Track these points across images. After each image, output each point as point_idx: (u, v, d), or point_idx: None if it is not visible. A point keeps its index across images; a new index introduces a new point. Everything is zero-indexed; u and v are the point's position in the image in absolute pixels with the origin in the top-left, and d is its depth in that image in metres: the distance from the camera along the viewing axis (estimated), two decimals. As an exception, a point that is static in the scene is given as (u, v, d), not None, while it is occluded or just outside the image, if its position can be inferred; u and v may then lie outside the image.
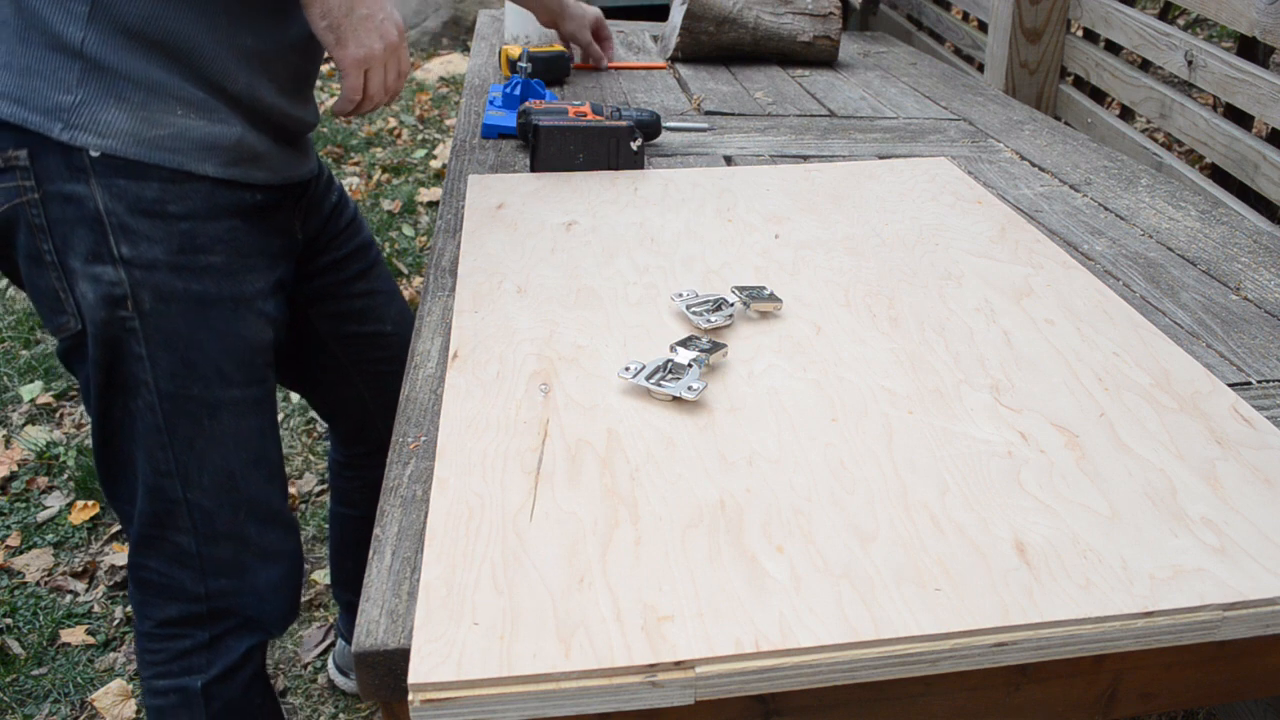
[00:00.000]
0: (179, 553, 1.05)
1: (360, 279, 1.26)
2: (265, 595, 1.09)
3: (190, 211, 0.97)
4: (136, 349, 0.97)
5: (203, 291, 0.99)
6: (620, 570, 0.63)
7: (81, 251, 0.94)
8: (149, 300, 0.96)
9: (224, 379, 1.01)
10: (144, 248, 0.95)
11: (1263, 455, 0.76)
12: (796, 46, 1.97)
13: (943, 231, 1.14)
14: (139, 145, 0.93)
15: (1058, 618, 0.60)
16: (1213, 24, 3.60)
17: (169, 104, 0.94)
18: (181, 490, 1.02)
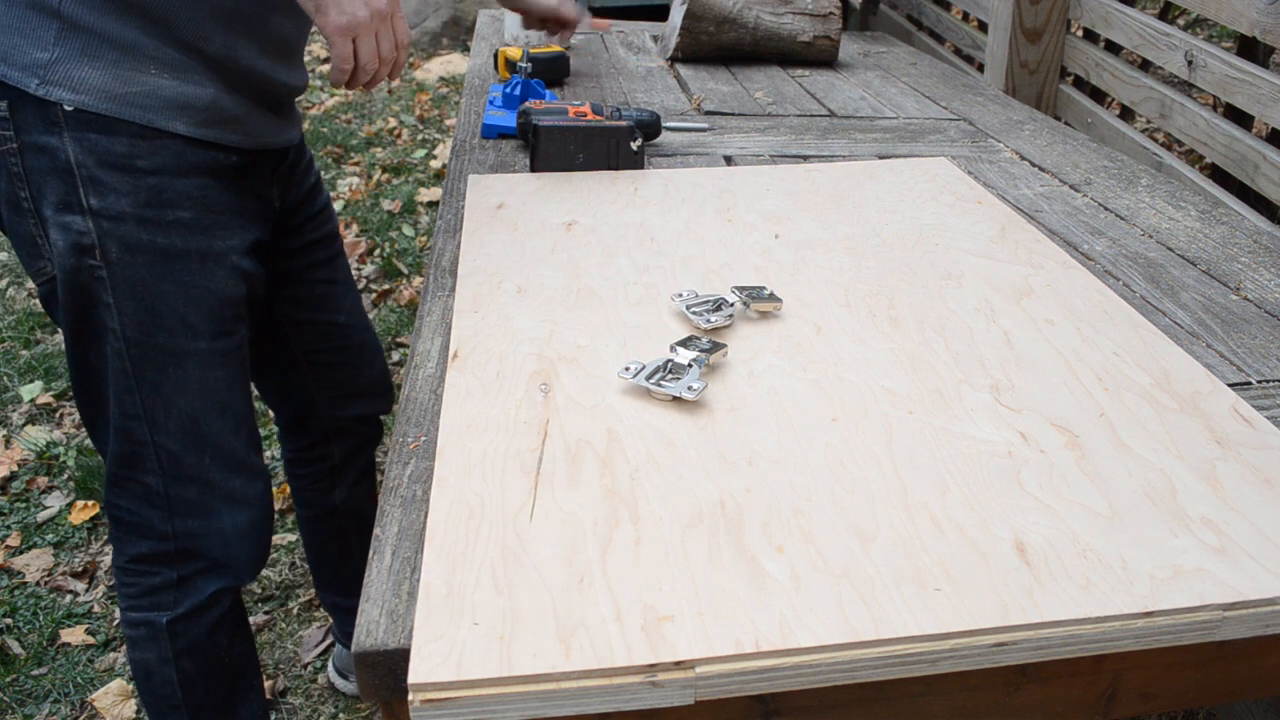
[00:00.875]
0: (147, 492, 1.08)
1: (324, 266, 1.29)
2: (231, 539, 1.12)
3: (159, 167, 0.99)
4: (104, 297, 1.00)
5: (169, 245, 1.01)
6: (620, 570, 0.63)
7: (53, 200, 0.97)
8: (115, 250, 0.99)
9: (189, 329, 1.03)
10: (111, 200, 0.98)
11: (1263, 455, 0.76)
12: (796, 46, 1.97)
13: (943, 231, 1.14)
14: (110, 101, 0.96)
15: (1058, 618, 0.60)
16: (1213, 24, 3.60)
17: (143, 63, 0.97)
18: (149, 433, 1.05)
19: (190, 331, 1.04)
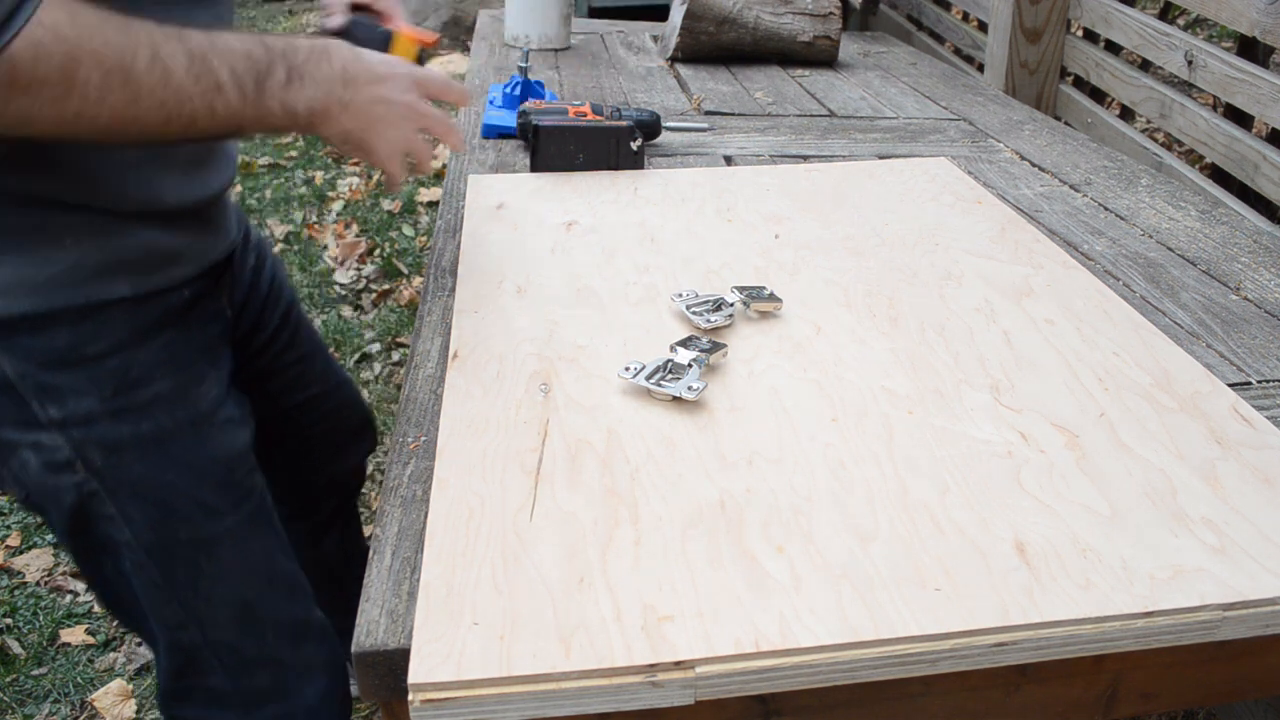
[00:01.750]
0: (215, 695, 0.98)
1: (290, 348, 1.17)
2: (316, 708, 1.03)
3: (113, 345, 0.86)
4: (104, 510, 0.88)
5: (155, 429, 0.88)
6: (620, 570, 0.63)
7: (9, 422, 0.85)
8: (98, 457, 0.86)
9: (209, 511, 0.92)
10: (73, 403, 0.84)
11: (1263, 455, 0.76)
12: (796, 46, 1.97)
13: (943, 231, 1.14)
14: (32, 295, 0.82)
15: (1058, 618, 0.60)
16: (1213, 24, 3.59)
17: (56, 239, 0.82)
18: (201, 635, 0.94)
19: (211, 513, 0.92)
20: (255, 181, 3.84)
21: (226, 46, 0.77)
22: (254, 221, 3.48)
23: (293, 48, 0.82)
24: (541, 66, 1.89)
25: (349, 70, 0.84)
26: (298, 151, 4.16)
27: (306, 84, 0.81)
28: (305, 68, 0.81)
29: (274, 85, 0.79)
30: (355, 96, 0.84)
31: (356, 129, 0.86)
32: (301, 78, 0.81)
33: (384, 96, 0.87)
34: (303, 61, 0.81)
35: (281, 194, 3.71)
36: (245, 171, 3.94)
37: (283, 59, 0.80)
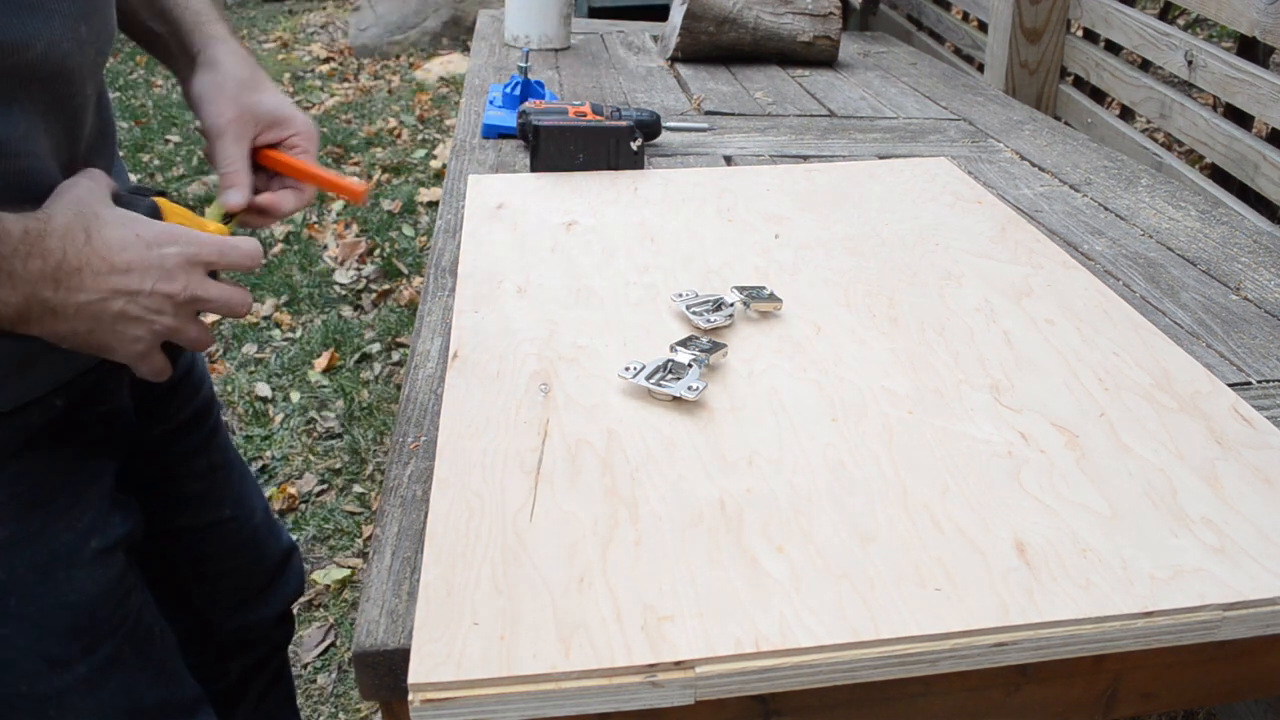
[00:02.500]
0: None
1: (199, 454, 0.99)
2: None
3: None
4: None
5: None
6: (620, 570, 0.63)
7: None
8: None
9: (56, 664, 0.79)
10: None
11: (1263, 455, 0.76)
12: (796, 46, 1.97)
13: (943, 231, 1.14)
14: None
15: (1058, 618, 0.60)
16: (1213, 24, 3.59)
17: None
18: None
19: (59, 665, 0.79)
20: (255, 181, 3.83)
21: None
22: (254, 221, 3.47)
23: (4, 234, 0.63)
24: (541, 66, 1.89)
25: (68, 264, 0.65)
26: (298, 151, 4.14)
27: (3, 285, 0.63)
28: (6, 264, 0.63)
29: None
30: (70, 298, 0.66)
31: (82, 332, 0.68)
32: (5, 275, 0.63)
33: (122, 288, 0.67)
34: (6, 255, 0.63)
35: (281, 194, 3.69)
36: (245, 171, 3.92)
37: None
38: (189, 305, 0.72)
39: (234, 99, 0.81)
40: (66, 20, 0.71)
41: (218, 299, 0.73)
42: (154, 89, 4.97)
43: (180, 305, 0.71)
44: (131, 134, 4.28)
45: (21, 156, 0.70)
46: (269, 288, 3.02)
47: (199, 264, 0.72)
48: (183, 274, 0.71)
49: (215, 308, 0.73)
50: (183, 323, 0.72)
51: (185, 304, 0.71)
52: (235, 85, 0.82)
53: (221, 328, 2.85)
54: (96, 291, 0.67)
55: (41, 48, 0.69)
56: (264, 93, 0.82)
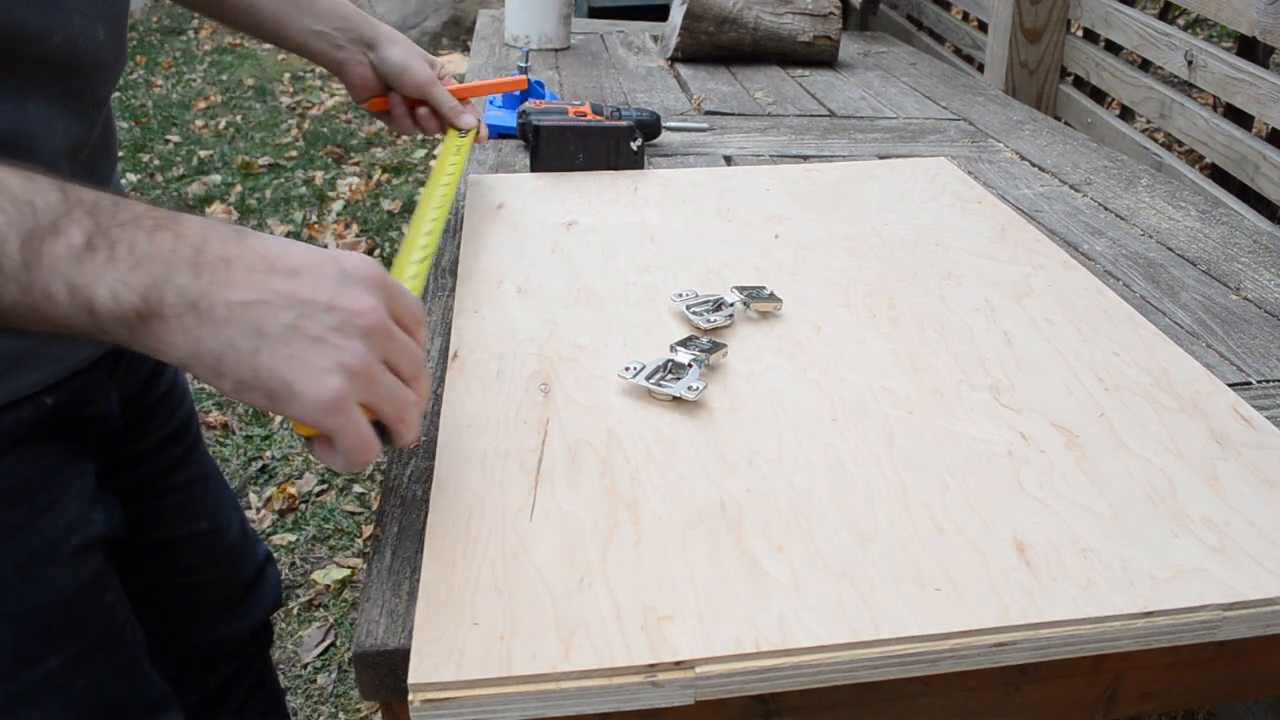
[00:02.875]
0: None
1: (178, 468, 0.98)
2: None
3: None
4: None
5: None
6: (620, 570, 0.63)
7: None
8: None
9: (27, 660, 0.77)
10: None
11: (1263, 455, 0.76)
12: (796, 46, 1.97)
13: (943, 231, 1.14)
14: None
15: (1058, 618, 0.60)
16: (1213, 24, 3.59)
17: None
18: None
19: (30, 661, 0.77)
20: (255, 181, 3.84)
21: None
22: (254, 222, 3.48)
23: (113, 204, 0.52)
24: (541, 66, 1.89)
25: (211, 251, 0.52)
26: (298, 151, 4.16)
27: (119, 260, 0.50)
28: (122, 234, 0.51)
29: (59, 251, 0.50)
30: (218, 291, 0.51)
31: (244, 350, 0.51)
32: (112, 247, 0.50)
33: (289, 293, 0.53)
34: (122, 223, 0.51)
35: (281, 194, 3.71)
36: (245, 171, 3.94)
37: (87, 214, 0.51)
38: (383, 336, 0.55)
39: (421, 57, 1.07)
40: (86, 19, 0.72)
41: (407, 347, 0.57)
42: (154, 89, 4.97)
43: (372, 332, 0.54)
44: (131, 134, 4.28)
45: (36, 152, 0.70)
46: (269, 288, 3.02)
47: (387, 289, 0.57)
48: (368, 293, 0.55)
49: (402, 360, 0.57)
50: (378, 366, 0.55)
51: (378, 333, 0.55)
52: (414, 49, 1.07)
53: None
54: (255, 289, 0.52)
55: (59, 40, 0.69)
56: (417, 48, 1.08)
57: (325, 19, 1.03)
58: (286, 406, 0.53)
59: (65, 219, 0.50)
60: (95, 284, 0.50)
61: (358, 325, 0.54)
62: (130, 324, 0.51)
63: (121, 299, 0.50)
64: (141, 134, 4.28)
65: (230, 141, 4.23)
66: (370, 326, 0.54)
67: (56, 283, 0.49)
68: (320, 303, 0.53)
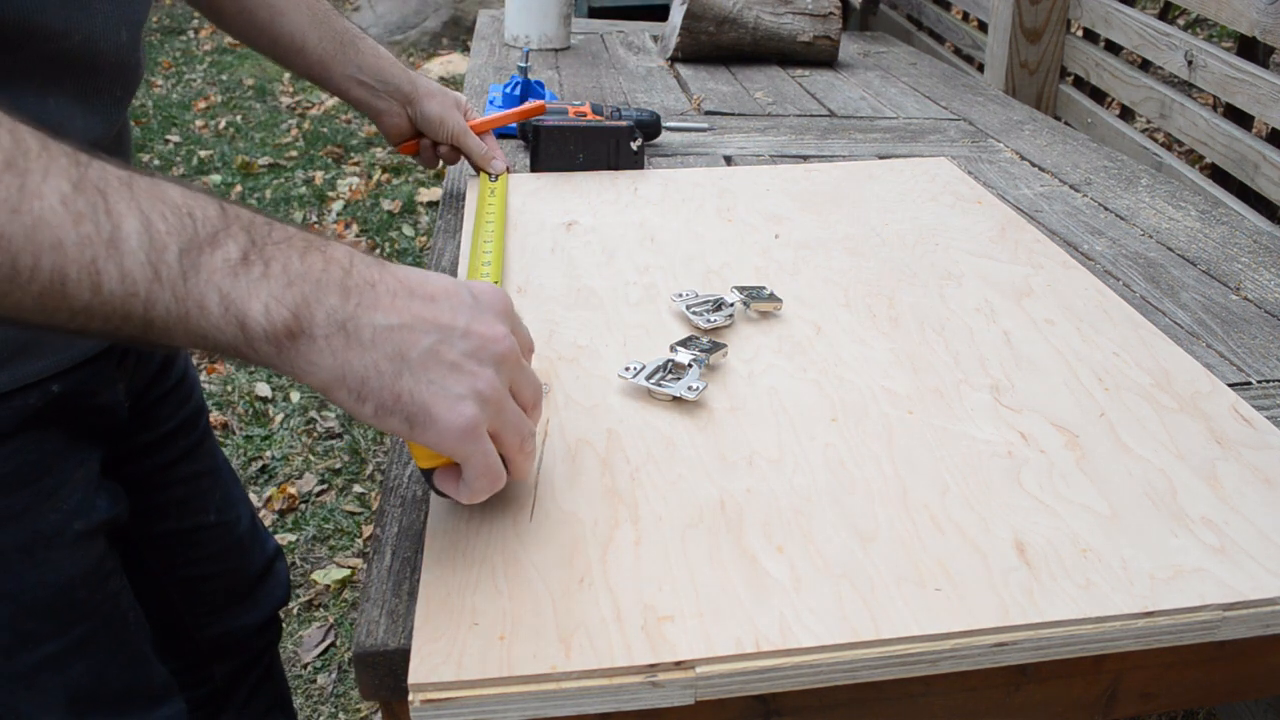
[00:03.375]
0: None
1: (186, 460, 0.99)
2: None
3: None
4: None
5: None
6: (620, 570, 0.63)
7: None
8: None
9: (26, 641, 0.78)
10: None
11: (1263, 455, 0.76)
12: (796, 46, 1.97)
13: (943, 231, 1.14)
14: None
15: (1058, 618, 0.60)
16: (1213, 24, 3.59)
17: None
18: None
19: (32, 641, 0.78)
20: (255, 181, 3.84)
21: (152, 190, 0.51)
22: (254, 221, 3.48)
23: (267, 223, 0.53)
24: (541, 66, 1.89)
25: (358, 274, 0.54)
26: (298, 152, 4.16)
27: (273, 277, 0.51)
28: (277, 253, 0.52)
29: (216, 263, 0.50)
30: (365, 315, 0.53)
31: (387, 373, 0.53)
32: (267, 264, 0.51)
33: (430, 318, 0.55)
34: (277, 241, 0.53)
35: (281, 194, 3.71)
36: (245, 171, 3.94)
37: (243, 230, 0.52)
38: (512, 364, 0.57)
39: (455, 106, 1.16)
40: (109, 21, 0.73)
41: (530, 376, 0.59)
42: (154, 89, 4.97)
43: (503, 360, 0.56)
44: (131, 134, 4.28)
45: None
46: (269, 288, 3.02)
47: (512, 318, 0.60)
48: (499, 320, 0.58)
49: (525, 389, 0.59)
50: (506, 394, 0.57)
51: (508, 360, 0.57)
52: (448, 100, 1.16)
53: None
54: (398, 314, 0.53)
55: (80, 39, 0.70)
56: (451, 95, 1.17)
57: (368, 70, 1.10)
58: (424, 432, 0.55)
59: (223, 233, 0.51)
60: (249, 298, 0.51)
61: (491, 352, 0.56)
62: (279, 341, 0.51)
63: (274, 315, 0.51)
64: (141, 134, 4.28)
65: (230, 141, 4.23)
66: (502, 354, 0.57)
67: (211, 294, 0.50)
68: (458, 328, 0.55)
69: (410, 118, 1.15)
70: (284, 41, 1.06)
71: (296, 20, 1.06)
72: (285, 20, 1.05)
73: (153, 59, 5.43)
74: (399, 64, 1.14)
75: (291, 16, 1.06)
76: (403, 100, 1.13)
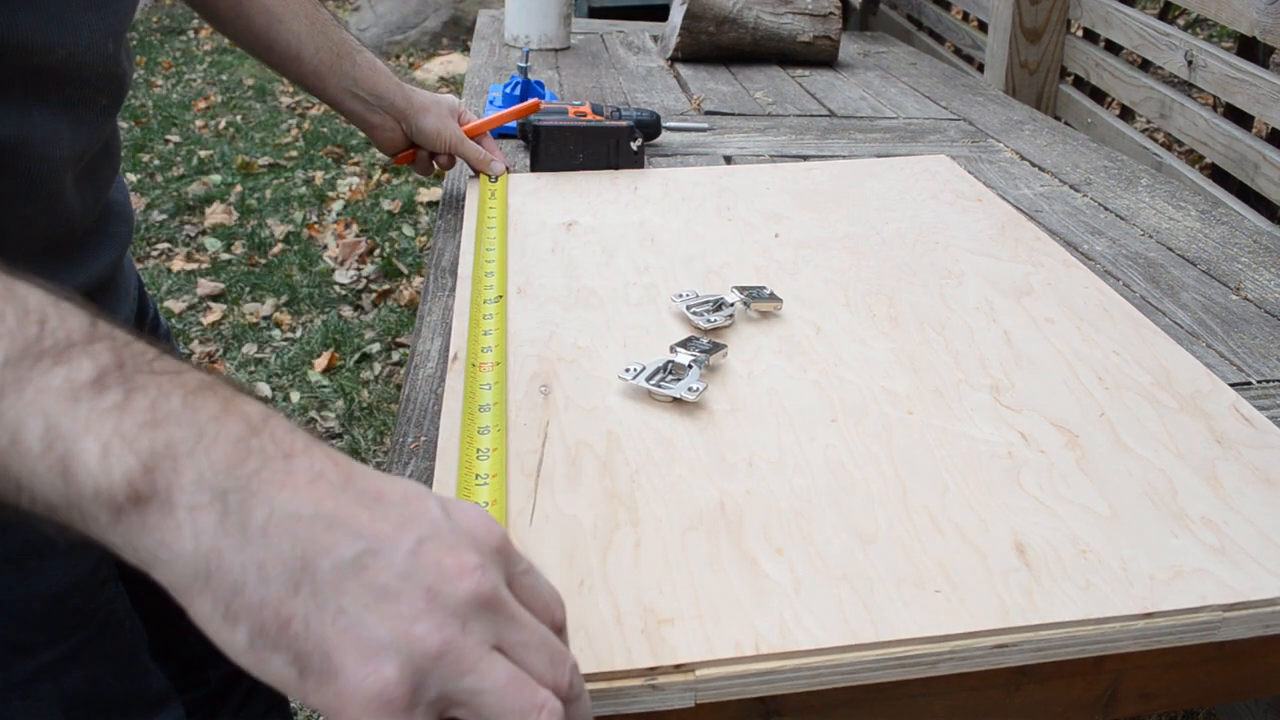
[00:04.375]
0: None
1: None
2: None
3: None
4: None
5: None
6: (620, 573, 0.63)
7: None
8: None
9: (22, 651, 0.77)
10: None
11: (1263, 455, 0.76)
12: (796, 46, 1.97)
13: (943, 230, 1.14)
14: None
15: (1058, 619, 0.60)
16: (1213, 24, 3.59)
17: None
18: None
19: (26, 651, 0.77)
20: (255, 181, 3.84)
21: (8, 287, 0.39)
22: (254, 221, 3.48)
23: (156, 353, 0.40)
24: (541, 66, 1.89)
25: (274, 432, 0.39)
26: (298, 151, 4.16)
27: (130, 410, 0.36)
28: (150, 382, 0.38)
29: (52, 381, 0.37)
30: (261, 489, 0.37)
31: (251, 572, 0.36)
32: (129, 393, 0.37)
33: (359, 525, 0.37)
34: (156, 370, 0.39)
35: (281, 194, 3.71)
36: (245, 171, 3.94)
37: (110, 351, 0.38)
38: (490, 612, 0.38)
39: (450, 115, 1.17)
40: (94, 34, 0.72)
41: (534, 635, 0.40)
42: (154, 89, 4.97)
43: (472, 604, 0.37)
44: (131, 134, 4.28)
45: (39, 159, 0.71)
46: (269, 288, 3.02)
47: (508, 558, 0.42)
48: (473, 551, 0.39)
49: (531, 654, 0.39)
50: (475, 655, 0.37)
51: (484, 606, 0.38)
52: (443, 109, 1.16)
53: (221, 327, 2.85)
54: (316, 502, 0.37)
55: (64, 54, 0.70)
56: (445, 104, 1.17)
57: (363, 84, 1.10)
58: (319, 689, 0.36)
59: (80, 348, 0.38)
60: (83, 432, 0.35)
61: (453, 589, 0.37)
62: (116, 503, 0.36)
63: (114, 461, 0.35)
64: (141, 134, 4.28)
65: (230, 141, 4.23)
66: (470, 595, 0.37)
67: (33, 420, 0.35)
68: (402, 542, 0.37)
69: (405, 132, 1.16)
70: (280, 49, 1.06)
71: (294, 28, 1.05)
72: (283, 27, 1.05)
73: (152, 59, 5.43)
74: (394, 78, 1.14)
75: (289, 24, 1.05)
76: (397, 115, 1.14)
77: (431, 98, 1.18)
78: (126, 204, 0.88)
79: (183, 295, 2.98)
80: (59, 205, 0.72)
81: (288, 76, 1.10)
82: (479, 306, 0.92)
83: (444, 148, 1.17)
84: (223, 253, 3.27)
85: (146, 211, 3.56)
